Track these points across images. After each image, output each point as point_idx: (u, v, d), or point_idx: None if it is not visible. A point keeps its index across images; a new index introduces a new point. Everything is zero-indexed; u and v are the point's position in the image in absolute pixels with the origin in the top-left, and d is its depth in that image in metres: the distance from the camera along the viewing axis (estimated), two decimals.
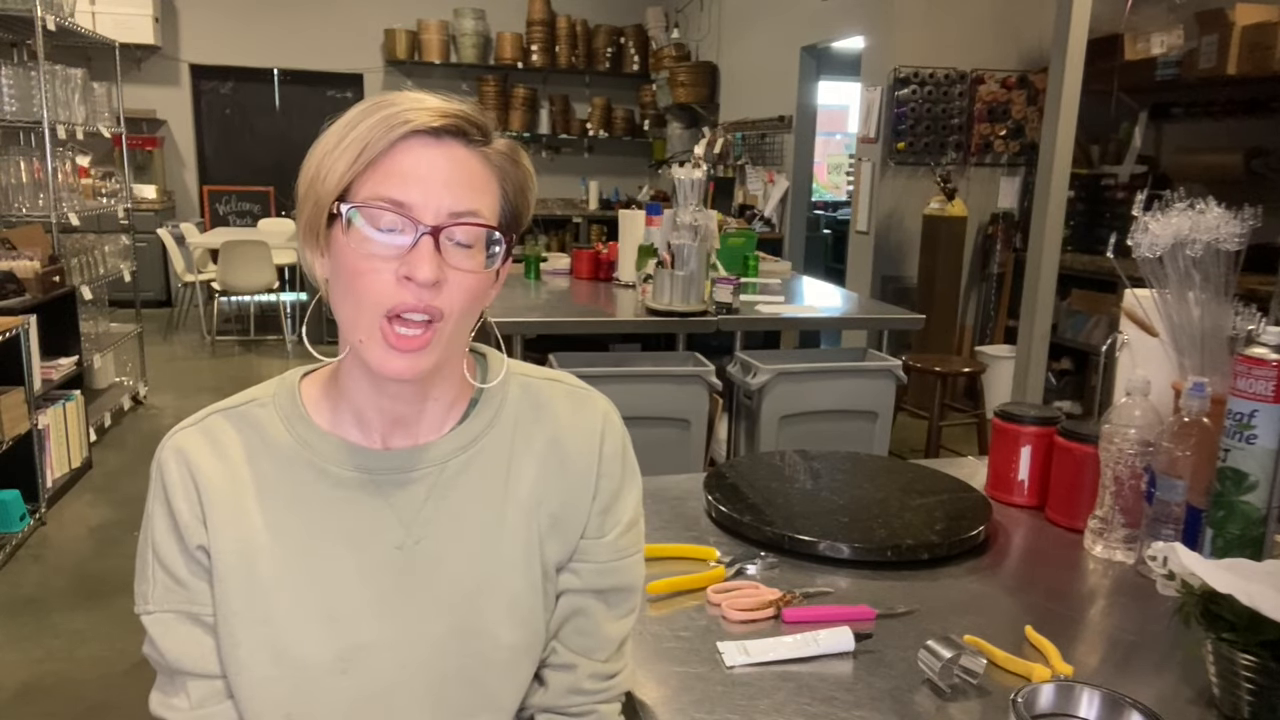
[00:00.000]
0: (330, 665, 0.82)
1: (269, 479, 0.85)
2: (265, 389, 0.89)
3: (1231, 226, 1.21)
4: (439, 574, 0.85)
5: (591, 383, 0.96)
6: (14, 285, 3.71)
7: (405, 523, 0.85)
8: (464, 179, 0.78)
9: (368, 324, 0.78)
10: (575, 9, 8.64)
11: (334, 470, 0.85)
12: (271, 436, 0.86)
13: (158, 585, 0.84)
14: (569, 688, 0.91)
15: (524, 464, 0.89)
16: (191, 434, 0.86)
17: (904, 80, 5.11)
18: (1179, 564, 0.93)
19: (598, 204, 8.77)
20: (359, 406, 0.86)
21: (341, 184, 0.77)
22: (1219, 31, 4.05)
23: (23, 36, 4.42)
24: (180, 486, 0.83)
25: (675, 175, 3.01)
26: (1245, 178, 4.10)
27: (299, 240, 0.83)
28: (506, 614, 0.87)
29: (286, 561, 0.83)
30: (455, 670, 0.85)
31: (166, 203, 8.09)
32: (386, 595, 0.84)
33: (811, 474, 1.50)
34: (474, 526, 0.87)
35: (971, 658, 0.94)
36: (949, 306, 5.16)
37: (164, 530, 0.84)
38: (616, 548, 0.91)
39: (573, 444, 0.90)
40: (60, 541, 3.47)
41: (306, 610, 0.83)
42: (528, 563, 0.88)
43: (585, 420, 0.91)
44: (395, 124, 0.76)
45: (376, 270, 0.76)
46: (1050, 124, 3.56)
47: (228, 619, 0.82)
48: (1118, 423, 1.22)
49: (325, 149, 0.78)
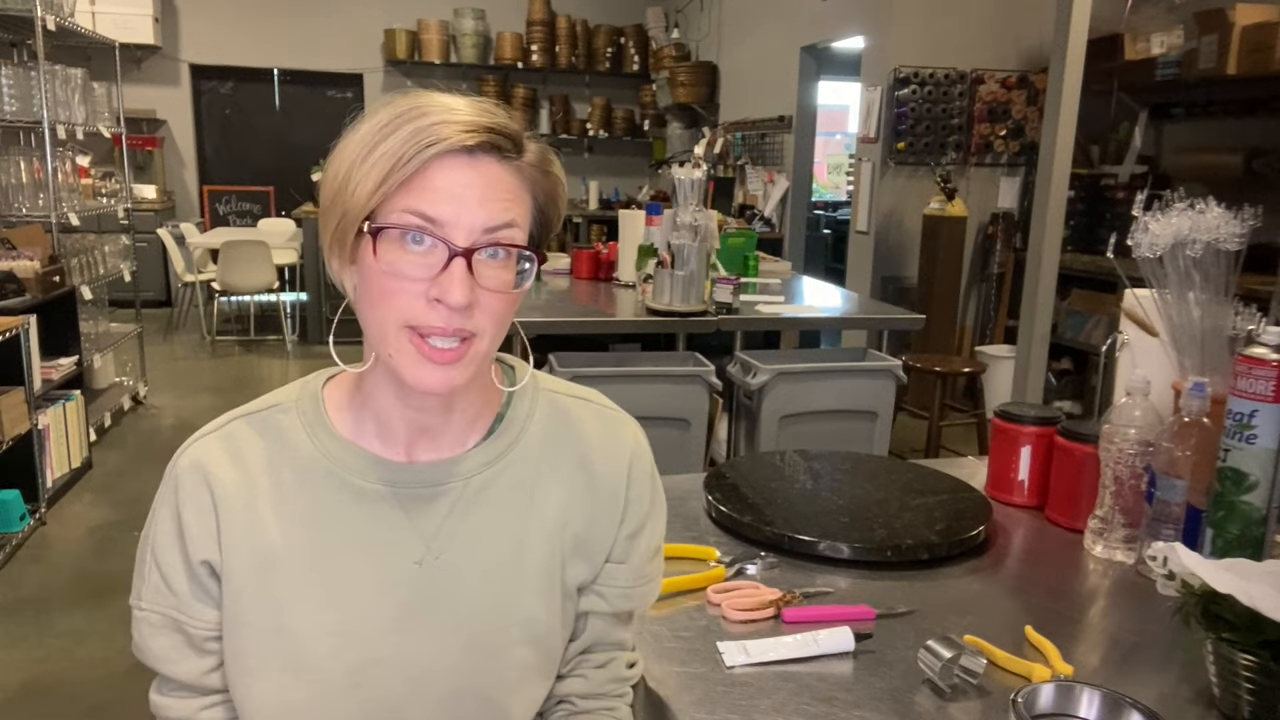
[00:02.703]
0: (343, 679, 0.82)
1: (288, 488, 0.83)
2: (288, 393, 0.88)
3: (1231, 226, 1.21)
4: (457, 591, 0.84)
5: (591, 383, 0.96)
6: (14, 285, 3.71)
7: (426, 538, 0.83)
8: (497, 195, 0.76)
9: (396, 338, 0.76)
10: (575, 9, 8.64)
11: (356, 482, 0.83)
12: (293, 444, 0.84)
13: (149, 584, 0.84)
14: (602, 688, 0.93)
15: (550, 483, 0.87)
16: (211, 444, 0.84)
17: (904, 80, 5.11)
18: (1179, 564, 0.93)
19: (598, 204, 8.77)
20: (384, 416, 0.84)
21: (371, 202, 0.74)
22: (1219, 31, 4.05)
23: (23, 36, 4.42)
24: (193, 500, 0.82)
25: (675, 175, 3.01)
26: (1245, 178, 4.10)
27: (324, 246, 0.81)
28: (523, 633, 0.86)
29: (303, 573, 0.82)
30: (468, 687, 0.85)
31: (166, 203, 8.09)
32: (403, 611, 0.83)
33: (811, 474, 1.50)
34: (495, 544, 0.85)
35: (971, 658, 0.94)
36: (949, 306, 5.16)
37: (167, 535, 0.83)
38: (642, 573, 0.91)
39: (602, 466, 0.89)
40: (60, 541, 3.47)
41: (321, 624, 0.82)
42: (548, 583, 0.87)
43: (615, 442, 0.90)
44: (428, 141, 0.73)
45: (406, 290, 0.75)
46: (1050, 124, 3.56)
47: (238, 630, 0.82)
48: (1118, 423, 1.22)
49: (353, 158, 0.75)
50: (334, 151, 0.77)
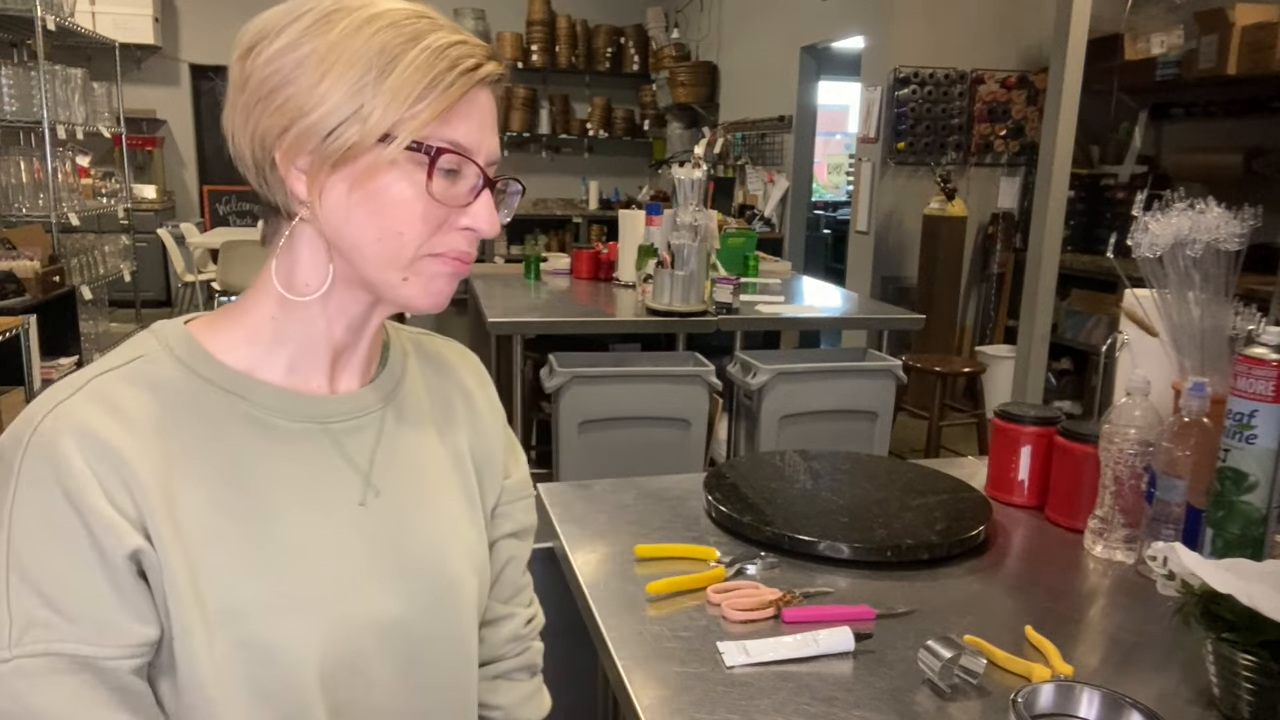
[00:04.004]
0: (317, 654, 0.71)
1: (199, 445, 0.70)
2: (143, 344, 0.73)
3: (1231, 226, 1.21)
4: (406, 527, 0.79)
5: (592, 382, 0.97)
6: (14, 285, 3.71)
7: (363, 474, 0.77)
8: (497, 125, 0.76)
9: (413, 261, 0.72)
10: (575, 9, 8.64)
11: (280, 423, 0.73)
12: (189, 394, 0.71)
13: (17, 620, 0.62)
14: (509, 636, 0.94)
15: (441, 411, 0.87)
16: (81, 404, 0.66)
17: (904, 80, 5.11)
18: (1179, 564, 0.93)
19: (598, 204, 8.77)
20: (310, 348, 0.76)
21: (406, 121, 0.68)
22: (1219, 31, 4.05)
23: (23, 36, 4.42)
24: (92, 475, 0.64)
25: (675, 175, 3.01)
26: (1245, 178, 4.10)
27: (265, 157, 0.70)
28: (469, 564, 0.84)
29: (247, 544, 0.70)
30: (437, 631, 0.80)
31: (166, 203, 8.10)
32: (362, 559, 0.75)
33: (811, 474, 1.50)
34: (424, 475, 0.82)
35: (971, 658, 0.94)
36: (949, 306, 5.16)
37: (45, 541, 0.63)
38: (527, 484, 0.95)
39: (476, 390, 0.91)
40: None
41: (277, 596, 0.70)
42: (472, 509, 0.87)
43: (475, 367, 0.94)
44: (467, 65, 0.69)
45: (436, 217, 0.72)
46: (1050, 124, 3.56)
47: (180, 619, 0.67)
48: (1118, 423, 1.22)
49: (351, 60, 0.67)
50: (279, 43, 0.70)
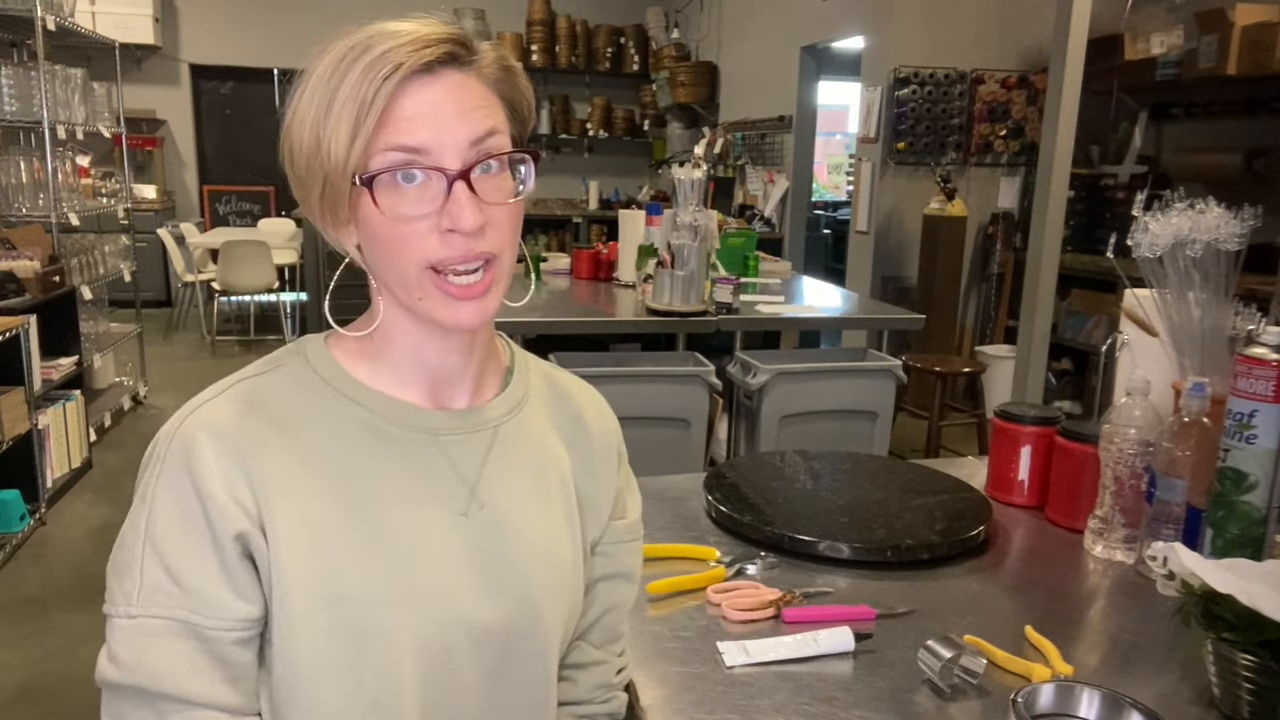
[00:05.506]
0: (405, 635, 0.75)
1: (321, 444, 0.76)
2: (284, 356, 0.80)
3: (1231, 226, 1.21)
4: (507, 543, 0.80)
5: (592, 383, 0.97)
6: (14, 285, 3.71)
7: (469, 485, 0.80)
8: (470, 105, 0.72)
9: (420, 281, 0.73)
10: (575, 9, 8.64)
11: (392, 430, 0.78)
12: (318, 397, 0.77)
13: (145, 584, 0.72)
14: (599, 683, 0.92)
15: (556, 439, 0.88)
16: (221, 405, 0.75)
17: (904, 80, 5.11)
18: (1179, 564, 0.93)
19: (598, 204, 8.77)
20: (402, 367, 0.80)
21: (352, 154, 0.70)
22: (1219, 31, 4.05)
23: (23, 36, 4.42)
24: (217, 467, 0.72)
25: (675, 175, 3.01)
26: (1245, 178, 4.10)
27: (311, 217, 0.76)
28: (562, 588, 0.84)
29: (357, 538, 0.75)
30: (520, 648, 0.81)
31: (166, 203, 8.09)
32: (461, 568, 0.78)
33: (811, 474, 1.50)
34: (530, 494, 0.83)
35: (971, 658, 0.94)
36: (949, 306, 5.16)
37: (173, 520, 0.72)
38: (636, 529, 0.94)
39: (595, 426, 0.91)
40: (60, 541, 3.46)
41: (383, 587, 0.74)
42: (573, 536, 0.87)
43: (598, 405, 0.93)
44: (385, 72, 0.69)
45: (416, 231, 0.72)
46: (1050, 124, 3.56)
47: (285, 600, 0.73)
48: (1118, 423, 1.22)
49: (314, 117, 0.71)
50: (289, 120, 0.74)
